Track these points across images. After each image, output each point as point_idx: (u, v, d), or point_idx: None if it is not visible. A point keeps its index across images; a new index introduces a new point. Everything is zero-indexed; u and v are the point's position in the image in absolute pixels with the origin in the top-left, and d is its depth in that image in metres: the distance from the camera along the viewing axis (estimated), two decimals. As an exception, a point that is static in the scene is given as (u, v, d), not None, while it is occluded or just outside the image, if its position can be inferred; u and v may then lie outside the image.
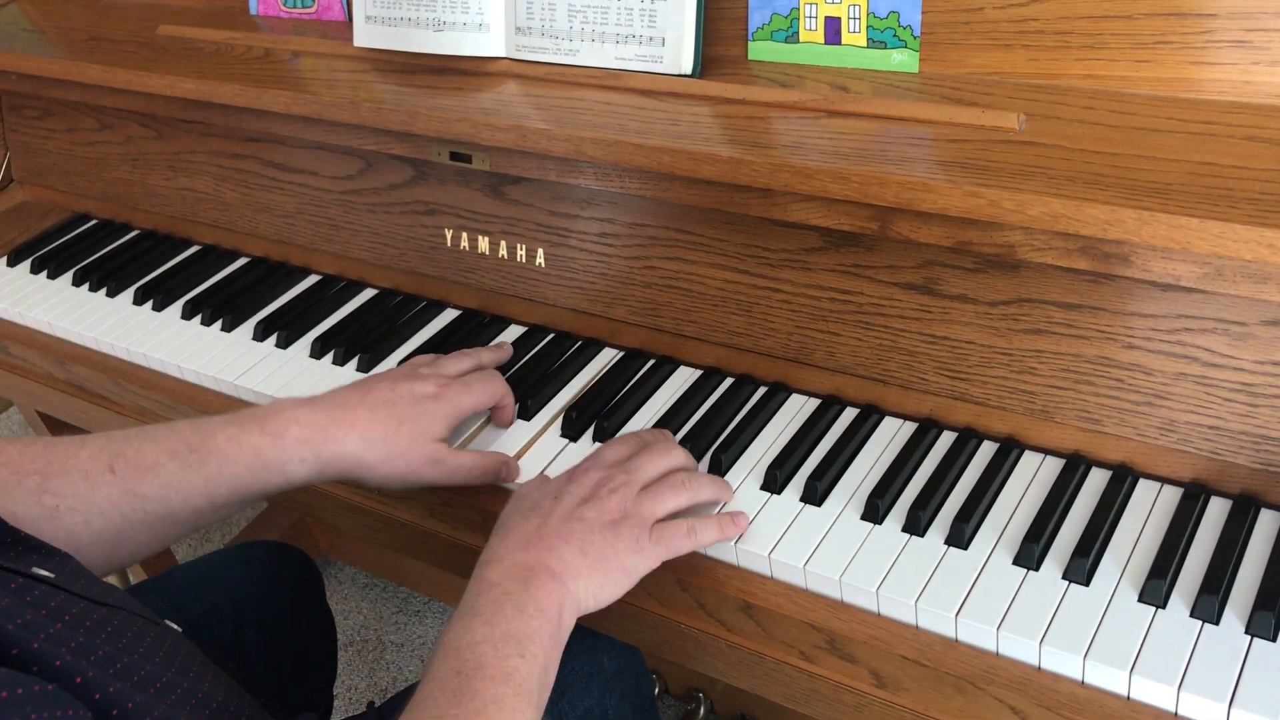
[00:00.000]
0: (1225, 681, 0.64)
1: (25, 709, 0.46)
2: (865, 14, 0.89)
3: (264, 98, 1.05)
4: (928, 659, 0.71)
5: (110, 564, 0.77)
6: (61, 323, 1.14)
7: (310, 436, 0.78)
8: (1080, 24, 0.82)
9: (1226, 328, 0.72)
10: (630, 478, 0.76)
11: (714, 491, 0.80)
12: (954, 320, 0.82)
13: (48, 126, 1.32)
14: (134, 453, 0.76)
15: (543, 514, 0.74)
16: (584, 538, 0.72)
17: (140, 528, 0.76)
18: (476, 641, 0.65)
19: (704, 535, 0.76)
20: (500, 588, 0.69)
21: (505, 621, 0.66)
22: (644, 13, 0.95)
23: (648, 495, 0.76)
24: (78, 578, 0.62)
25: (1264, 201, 0.68)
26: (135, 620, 0.63)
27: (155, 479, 0.75)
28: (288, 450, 0.78)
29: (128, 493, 0.75)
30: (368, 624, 1.76)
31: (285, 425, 0.78)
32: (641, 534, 0.74)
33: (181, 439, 0.77)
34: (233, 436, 0.77)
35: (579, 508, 0.74)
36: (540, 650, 0.66)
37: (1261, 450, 0.74)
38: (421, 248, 1.07)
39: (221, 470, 0.76)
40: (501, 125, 0.93)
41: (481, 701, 0.62)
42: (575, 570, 0.71)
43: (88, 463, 0.75)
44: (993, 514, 0.77)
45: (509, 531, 0.73)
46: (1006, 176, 0.74)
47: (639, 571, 0.74)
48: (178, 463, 0.76)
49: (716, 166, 0.83)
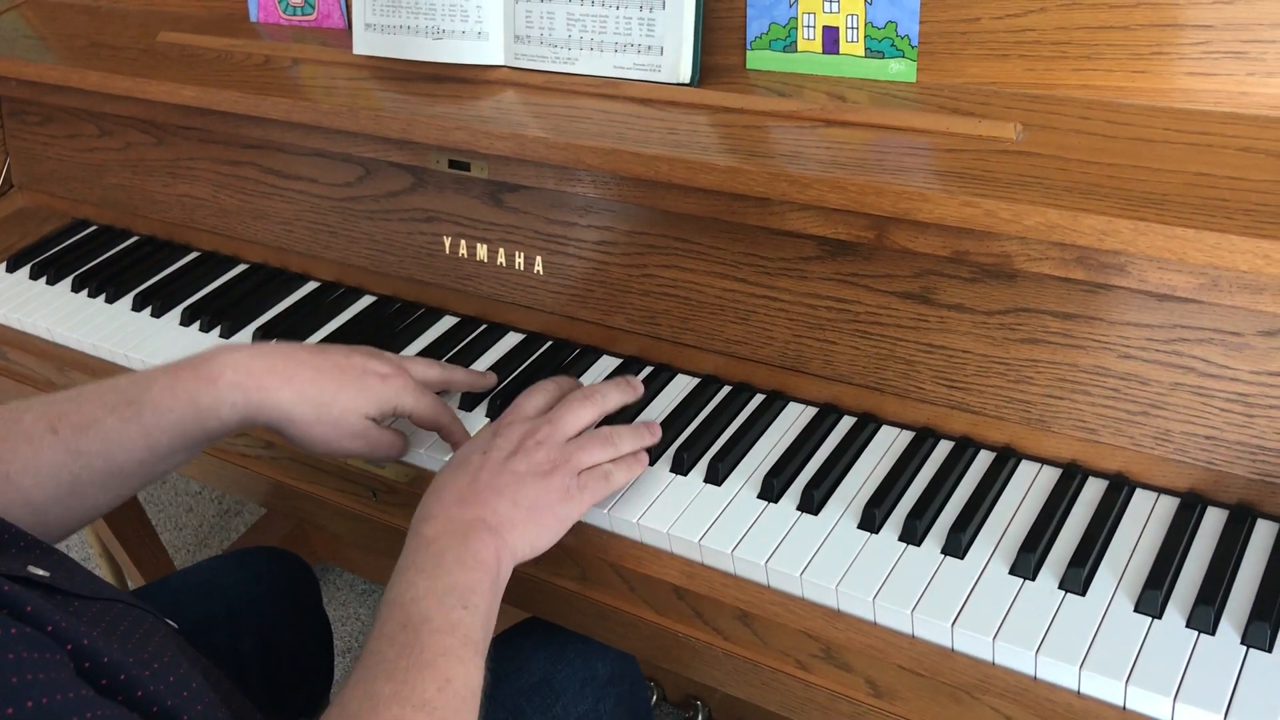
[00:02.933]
0: (1221, 692, 0.64)
1: (18, 648, 0.48)
2: (863, 24, 0.89)
3: (263, 105, 1.06)
4: (924, 668, 0.71)
5: (70, 523, 0.78)
6: (60, 328, 1.14)
7: (243, 381, 0.78)
8: (1077, 34, 0.82)
9: (1223, 338, 0.73)
10: (554, 429, 0.78)
11: (635, 442, 0.82)
12: (951, 329, 0.82)
13: (48, 132, 1.32)
14: (74, 411, 0.76)
15: (473, 469, 0.75)
16: (516, 490, 0.74)
17: (90, 485, 0.76)
18: (420, 596, 0.67)
19: (617, 477, 0.79)
20: (439, 543, 0.70)
21: (446, 575, 0.68)
22: (642, 22, 0.95)
23: (575, 446, 0.78)
24: (74, 575, 0.62)
25: (1259, 213, 0.68)
26: (132, 611, 0.63)
27: (96, 435, 0.76)
28: (220, 395, 0.78)
29: (72, 451, 0.75)
30: (365, 630, 1.76)
31: (220, 369, 0.78)
32: (571, 483, 0.76)
33: (119, 392, 0.78)
34: (167, 385, 0.78)
35: (509, 460, 0.76)
36: (482, 601, 0.68)
37: (1258, 460, 0.74)
38: (420, 255, 1.08)
39: (158, 419, 0.77)
40: (500, 133, 0.93)
41: (430, 654, 0.64)
42: (510, 521, 0.73)
43: (30, 426, 0.76)
44: (989, 523, 0.78)
45: (442, 489, 0.75)
46: (1003, 186, 0.74)
47: (570, 519, 0.76)
48: (115, 416, 0.76)
49: (714, 175, 0.83)
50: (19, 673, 0.48)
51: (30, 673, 0.48)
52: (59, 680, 0.50)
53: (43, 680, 0.49)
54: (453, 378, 0.92)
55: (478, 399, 0.95)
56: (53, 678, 0.50)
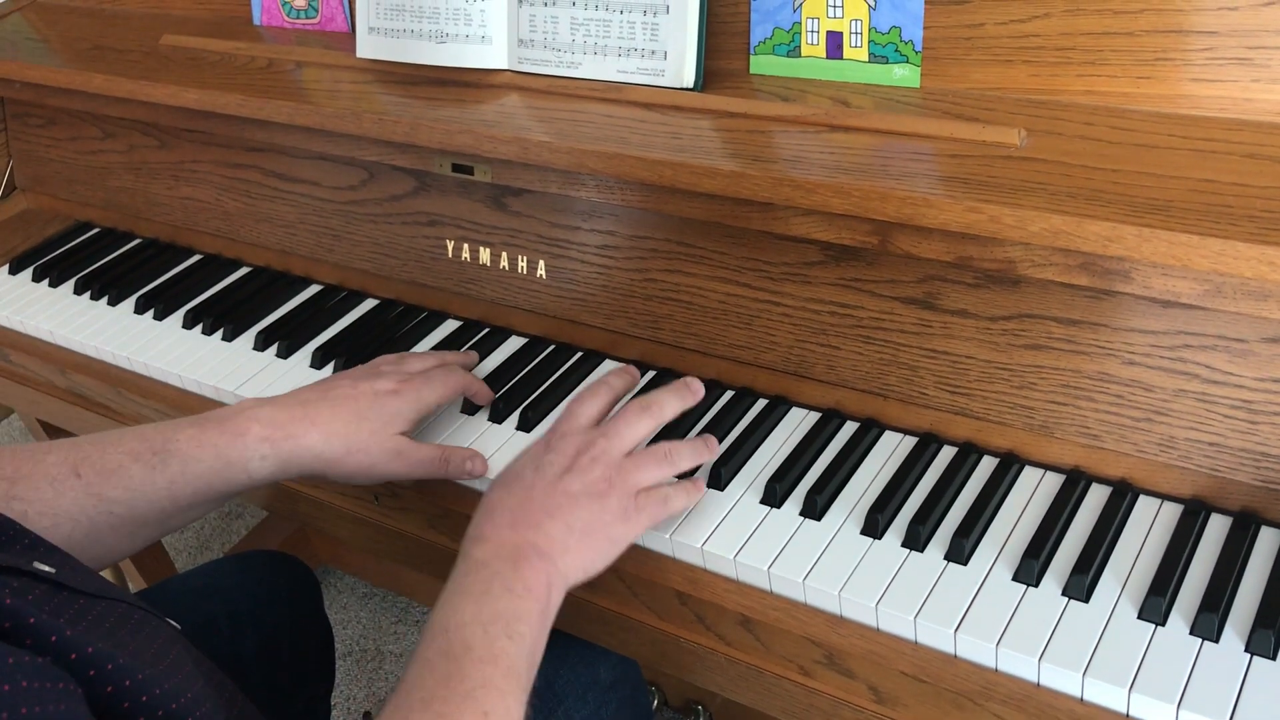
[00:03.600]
0: (1225, 700, 0.64)
1: (16, 677, 0.47)
2: (867, 29, 0.89)
3: (267, 108, 1.06)
4: (926, 675, 0.71)
5: None
6: (63, 331, 1.14)
7: (271, 434, 0.79)
8: (1081, 40, 0.82)
9: (1227, 345, 0.72)
10: (610, 444, 0.76)
11: (693, 459, 0.80)
12: (954, 335, 0.82)
13: (51, 135, 1.32)
14: (98, 456, 0.76)
15: (525, 486, 0.73)
16: (570, 511, 0.72)
17: (108, 530, 0.76)
18: (465, 622, 0.65)
19: (676, 502, 0.77)
20: (489, 567, 0.68)
21: (494, 602, 0.66)
22: (646, 26, 0.95)
23: (631, 465, 0.75)
24: (78, 573, 0.62)
25: (1264, 219, 0.68)
26: (135, 612, 0.63)
27: (119, 481, 0.76)
28: (249, 448, 0.78)
29: (93, 496, 0.75)
30: (367, 633, 1.75)
31: (246, 424, 0.78)
32: (628, 504, 0.74)
33: (144, 441, 0.77)
34: (193, 437, 0.78)
35: (562, 479, 0.73)
36: (528, 630, 0.66)
37: (1262, 467, 0.74)
38: (423, 259, 1.08)
39: (184, 470, 0.77)
40: (503, 137, 0.93)
41: (470, 684, 0.62)
42: (563, 546, 0.71)
43: (53, 468, 0.75)
44: (992, 529, 0.77)
45: (494, 508, 0.73)
46: (1007, 192, 0.74)
47: (625, 541, 0.74)
48: (141, 464, 0.76)
49: (718, 180, 0.83)
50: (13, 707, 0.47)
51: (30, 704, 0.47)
52: (63, 712, 0.49)
53: (41, 713, 0.48)
54: (444, 359, 0.93)
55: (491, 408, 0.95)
56: (52, 710, 0.48)
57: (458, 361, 0.95)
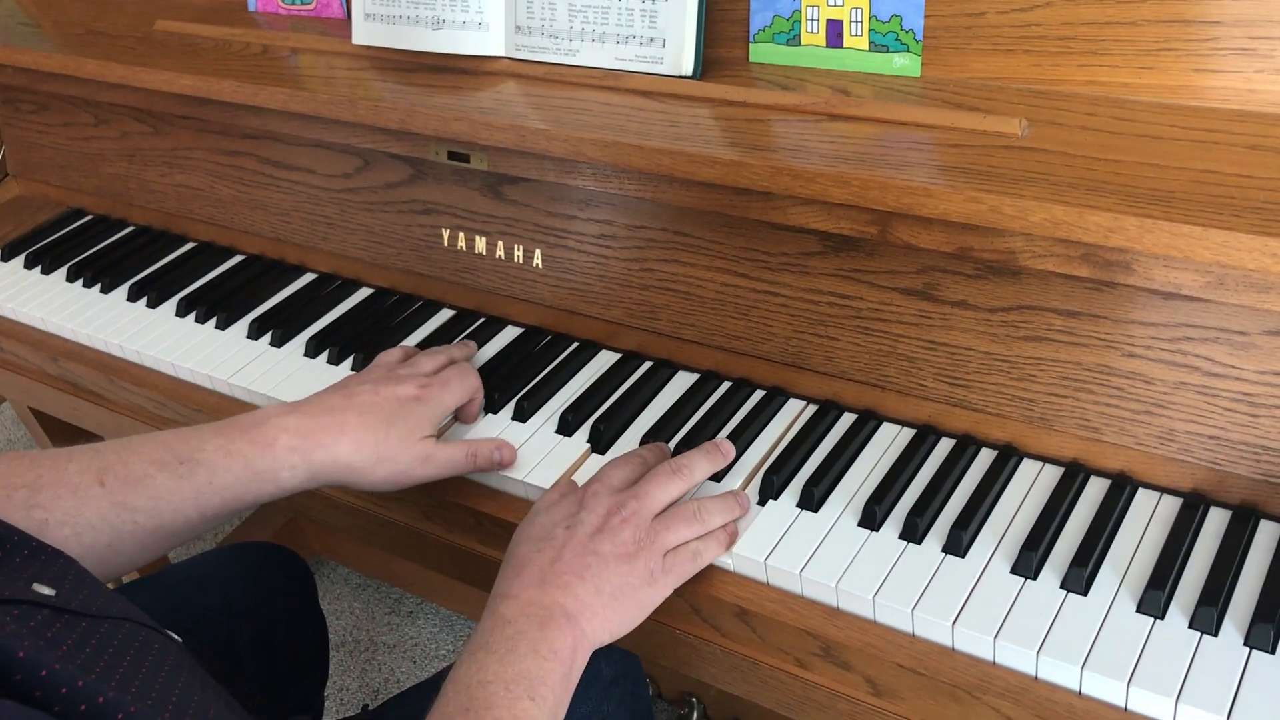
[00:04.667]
0: (1224, 693, 0.64)
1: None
2: (867, 17, 0.89)
3: (261, 94, 1.05)
4: (924, 667, 0.71)
5: (102, 576, 0.75)
6: (55, 319, 1.14)
7: (300, 444, 0.78)
8: (1083, 30, 0.81)
9: (1228, 337, 0.72)
10: (640, 505, 0.75)
11: (723, 516, 0.78)
12: (953, 326, 0.81)
13: (43, 121, 1.31)
14: (122, 465, 0.75)
15: (556, 546, 0.73)
16: (599, 574, 0.72)
17: (130, 540, 0.75)
18: (488, 680, 0.65)
19: (706, 555, 0.77)
20: (514, 625, 0.68)
21: (518, 661, 0.66)
22: (645, 14, 0.94)
23: (660, 525, 0.75)
24: (80, 588, 0.61)
25: (1267, 210, 0.67)
26: (139, 633, 0.61)
27: (145, 491, 0.75)
28: (278, 459, 0.77)
29: (117, 505, 0.74)
30: (360, 624, 1.75)
31: (274, 434, 0.78)
32: (656, 566, 0.74)
33: (169, 450, 0.76)
34: (221, 447, 0.77)
35: (592, 540, 0.73)
36: (550, 693, 0.66)
37: (1262, 461, 0.73)
38: (418, 247, 1.07)
39: (212, 481, 0.76)
40: (500, 125, 0.92)
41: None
42: (591, 609, 0.71)
43: (76, 476, 0.74)
44: (990, 522, 0.77)
45: (523, 565, 0.73)
46: (1008, 182, 0.74)
47: (653, 604, 0.74)
48: (167, 474, 0.75)
49: (716, 169, 0.82)
50: None
51: None
52: None
53: None
54: (451, 355, 0.93)
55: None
56: None
57: (461, 356, 0.94)
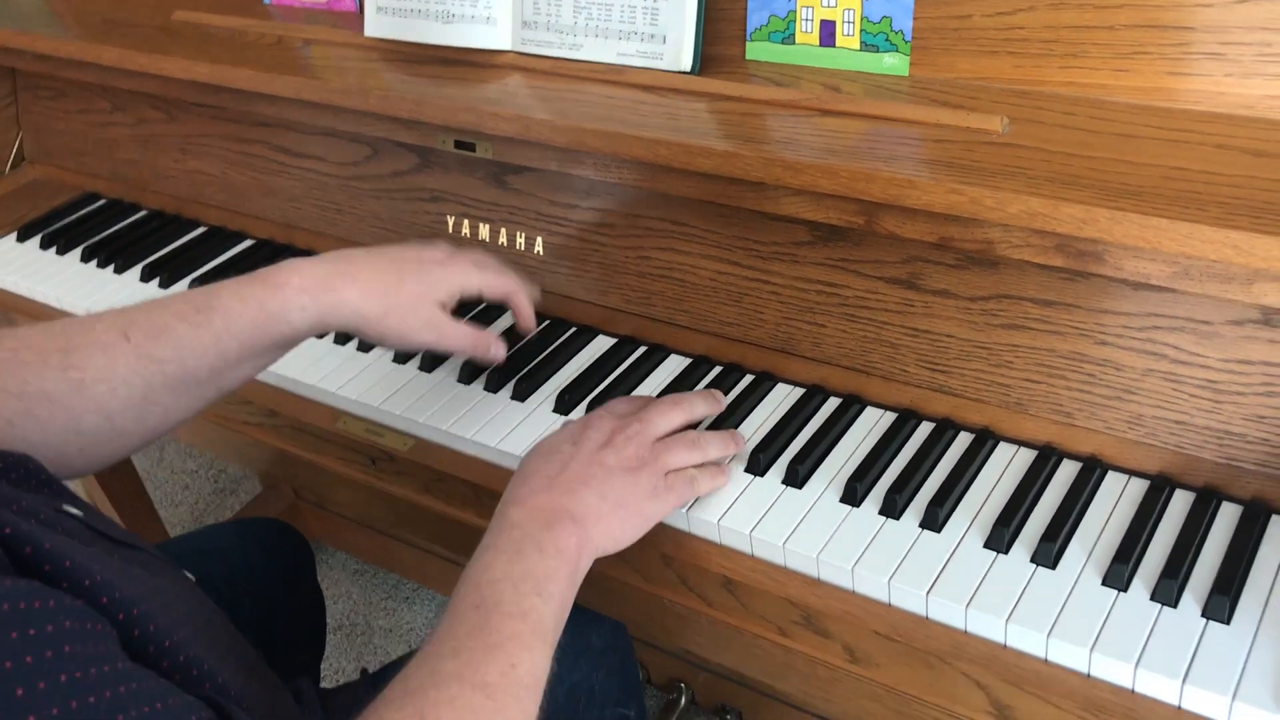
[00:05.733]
0: (1180, 660, 0.67)
1: (59, 617, 0.49)
2: (859, 18, 0.93)
3: (275, 83, 1.08)
4: (899, 635, 0.74)
5: (144, 429, 0.79)
6: (69, 297, 1.17)
7: (310, 286, 0.80)
8: (1064, 33, 0.85)
9: (1194, 326, 0.76)
10: (644, 427, 0.80)
11: (721, 449, 0.83)
12: (935, 315, 0.85)
13: (61, 107, 1.34)
14: (145, 320, 0.78)
15: (563, 458, 0.77)
16: (604, 482, 0.75)
17: (162, 389, 0.78)
18: (497, 579, 0.68)
19: (702, 484, 0.81)
20: (522, 528, 0.71)
21: (525, 561, 0.69)
22: (646, 11, 0.98)
23: (663, 447, 0.79)
24: (102, 520, 0.65)
25: (1231, 205, 0.71)
26: (156, 560, 0.65)
27: (168, 341, 0.77)
28: (289, 299, 0.80)
29: (144, 357, 0.77)
30: (357, 609, 1.78)
31: (287, 276, 0.80)
32: (658, 481, 0.78)
33: (187, 301, 0.80)
34: (235, 292, 0.80)
35: (598, 453, 0.77)
36: (557, 590, 0.69)
37: (1224, 445, 0.77)
38: (424, 233, 1.10)
39: (228, 325, 0.79)
40: (506, 115, 0.96)
41: (498, 637, 0.64)
42: (596, 514, 0.74)
43: (103, 334, 0.77)
44: (966, 500, 0.80)
45: (530, 474, 0.76)
46: (988, 175, 0.77)
47: (655, 517, 0.77)
48: (186, 323, 0.78)
49: (712, 159, 0.86)
50: (57, 645, 0.48)
51: (69, 644, 0.49)
52: (98, 652, 0.50)
53: (80, 653, 0.49)
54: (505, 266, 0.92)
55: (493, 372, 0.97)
56: (91, 650, 0.50)
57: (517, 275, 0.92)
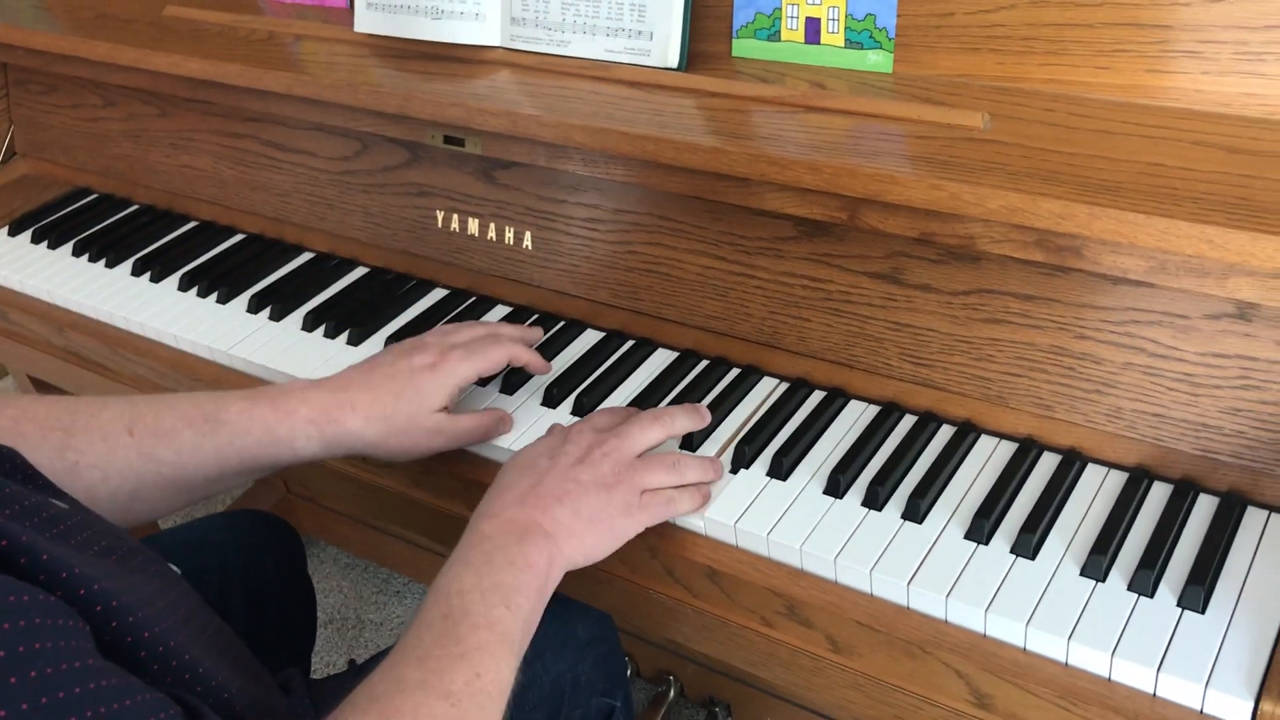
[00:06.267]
0: (1155, 649, 0.68)
1: (30, 614, 0.49)
2: (844, 15, 0.94)
3: (266, 79, 1.09)
4: (880, 624, 0.75)
5: (124, 521, 0.80)
6: (61, 291, 1.18)
7: (316, 417, 0.82)
8: (1044, 31, 0.86)
9: (1171, 320, 0.77)
10: (622, 443, 0.80)
11: (699, 474, 0.83)
12: (918, 309, 0.86)
13: (52, 102, 1.35)
14: (152, 418, 0.80)
15: (539, 472, 0.78)
16: (578, 499, 0.76)
17: (153, 489, 0.79)
18: (465, 589, 0.69)
19: (681, 505, 0.81)
20: (492, 540, 0.72)
21: (494, 573, 0.70)
22: (634, 8, 0.99)
23: (641, 465, 0.80)
24: (88, 514, 0.66)
25: (1206, 200, 0.72)
26: (141, 552, 0.66)
27: (171, 444, 0.79)
28: (296, 428, 0.82)
29: (144, 455, 0.78)
30: (348, 603, 1.79)
31: (295, 405, 0.82)
32: (632, 500, 0.78)
33: (198, 408, 0.81)
34: (245, 410, 0.81)
35: (574, 468, 0.78)
36: (525, 602, 0.70)
37: (1201, 437, 0.78)
38: (413, 228, 1.11)
39: (233, 440, 0.80)
40: (494, 111, 0.97)
41: (465, 646, 0.65)
42: (568, 530, 0.74)
43: (108, 424, 0.78)
44: (948, 492, 0.81)
45: (506, 488, 0.77)
46: (968, 171, 0.78)
47: (627, 534, 0.78)
48: (193, 430, 0.80)
49: (698, 155, 0.87)
50: (27, 641, 0.48)
51: (40, 640, 0.49)
52: (69, 649, 0.51)
53: (50, 649, 0.49)
54: (497, 330, 0.93)
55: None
56: (62, 646, 0.50)
57: (514, 336, 0.93)
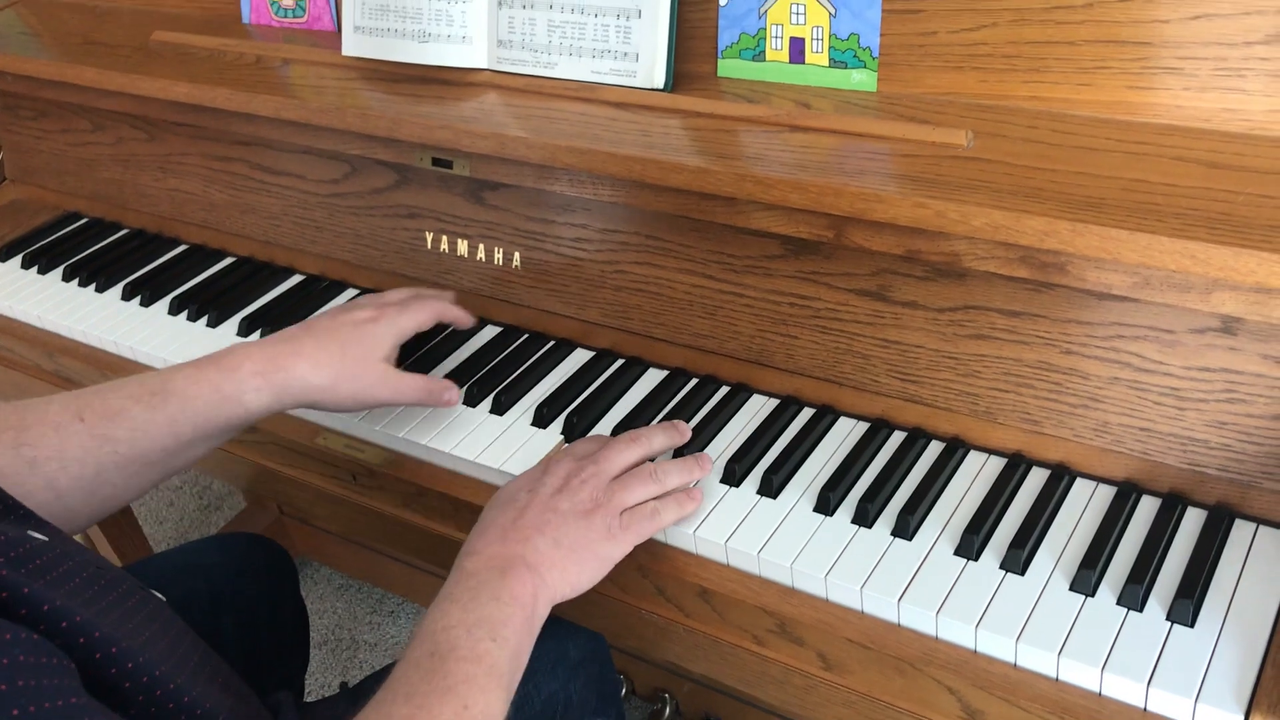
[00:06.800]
0: (1145, 663, 0.69)
1: (14, 651, 0.49)
2: (828, 35, 0.94)
3: (254, 102, 1.09)
4: (871, 642, 0.75)
5: (91, 508, 0.81)
6: (51, 316, 1.18)
7: (263, 367, 0.84)
8: (1026, 49, 0.87)
9: (1157, 335, 0.77)
10: (600, 468, 0.80)
11: (682, 477, 0.83)
12: (905, 325, 0.86)
13: (41, 127, 1.35)
14: (100, 402, 0.81)
15: (519, 506, 0.78)
16: (558, 529, 0.76)
17: (114, 470, 0.80)
18: (451, 625, 0.69)
19: (666, 515, 0.80)
20: (477, 577, 0.72)
21: (480, 608, 0.70)
22: (619, 29, 0.99)
23: (618, 485, 0.80)
24: (68, 544, 0.66)
25: (1189, 216, 0.73)
26: (124, 581, 0.66)
27: (123, 423, 0.80)
28: (243, 382, 0.83)
29: (98, 438, 0.79)
30: (342, 623, 1.78)
31: (239, 360, 0.84)
32: (613, 522, 0.78)
33: (142, 384, 0.82)
34: (190, 375, 0.83)
35: (552, 499, 0.78)
36: (512, 635, 0.70)
37: (1188, 451, 0.79)
38: (403, 250, 1.11)
39: (184, 407, 0.81)
40: (482, 133, 0.97)
41: (452, 680, 0.65)
42: (550, 561, 0.75)
43: (57, 415, 0.79)
44: (937, 508, 0.82)
45: (488, 525, 0.77)
46: (953, 189, 0.79)
47: (613, 559, 0.78)
48: (141, 405, 0.80)
49: (684, 175, 0.87)
50: (10, 679, 0.49)
51: (24, 678, 0.49)
52: (54, 686, 0.51)
53: (35, 687, 0.49)
54: (420, 291, 0.98)
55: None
56: (46, 684, 0.50)
57: (438, 296, 0.98)
